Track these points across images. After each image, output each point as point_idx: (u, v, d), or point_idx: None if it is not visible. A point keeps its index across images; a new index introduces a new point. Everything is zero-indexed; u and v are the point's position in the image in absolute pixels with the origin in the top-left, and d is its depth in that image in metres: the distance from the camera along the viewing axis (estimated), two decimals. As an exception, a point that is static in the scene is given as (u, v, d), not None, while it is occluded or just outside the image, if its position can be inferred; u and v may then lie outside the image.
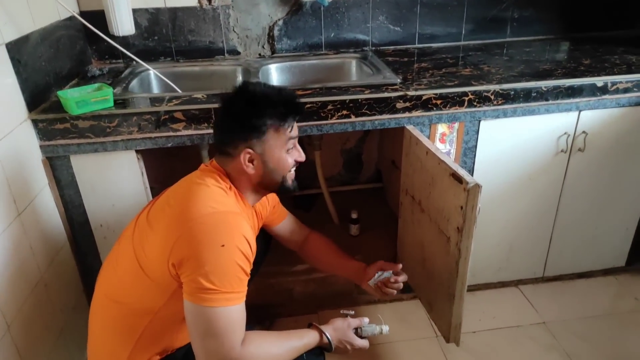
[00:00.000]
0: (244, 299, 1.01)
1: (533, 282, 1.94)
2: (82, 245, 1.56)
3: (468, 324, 1.73)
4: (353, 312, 1.28)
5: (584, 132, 1.63)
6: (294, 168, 1.16)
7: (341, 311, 1.29)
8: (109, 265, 1.12)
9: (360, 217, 2.00)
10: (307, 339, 1.16)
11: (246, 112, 1.06)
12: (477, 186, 1.19)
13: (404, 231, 1.72)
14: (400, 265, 1.36)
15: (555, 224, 1.80)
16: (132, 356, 1.07)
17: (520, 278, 1.92)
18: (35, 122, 1.37)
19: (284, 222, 1.45)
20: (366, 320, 1.28)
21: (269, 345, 1.07)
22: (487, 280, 1.89)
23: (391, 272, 1.34)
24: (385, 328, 1.29)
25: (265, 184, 1.14)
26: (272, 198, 1.38)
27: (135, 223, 1.11)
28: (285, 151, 1.11)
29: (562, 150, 1.65)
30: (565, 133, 1.62)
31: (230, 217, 1.00)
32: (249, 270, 1.00)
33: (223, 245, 0.95)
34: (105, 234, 1.55)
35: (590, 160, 1.68)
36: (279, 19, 1.93)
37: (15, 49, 1.30)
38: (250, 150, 1.07)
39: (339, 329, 1.21)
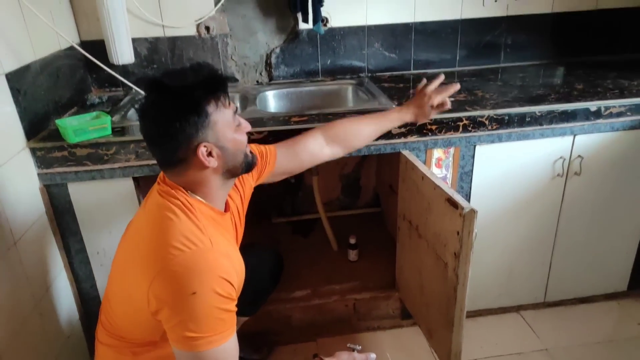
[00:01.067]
0: (233, 333, 0.97)
1: (534, 308, 1.92)
2: (79, 272, 1.55)
3: (469, 351, 1.70)
4: (360, 347, 1.25)
5: (579, 156, 1.63)
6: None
7: (348, 345, 1.26)
8: (105, 300, 1.10)
9: (359, 242, 1.99)
10: None
11: (178, 108, 0.91)
12: (473, 211, 1.19)
13: (402, 257, 1.72)
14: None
15: (555, 248, 1.79)
16: None
17: (521, 303, 1.90)
18: (33, 151, 1.38)
19: (278, 161, 1.29)
20: (373, 356, 1.24)
21: None
22: (487, 305, 1.87)
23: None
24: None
25: (230, 171, 1.02)
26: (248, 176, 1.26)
27: (115, 259, 1.08)
28: (235, 127, 0.99)
29: (558, 174, 1.65)
30: (560, 157, 1.63)
31: (199, 258, 0.91)
32: (232, 306, 0.95)
33: (194, 293, 0.88)
34: (102, 261, 1.54)
35: (587, 184, 1.68)
36: (276, 47, 1.96)
37: (15, 78, 1.32)
38: (205, 143, 0.94)
39: None
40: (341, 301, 1.80)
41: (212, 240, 0.96)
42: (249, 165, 1.06)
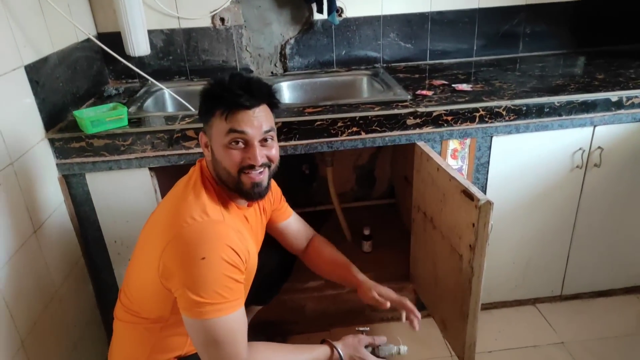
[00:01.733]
0: (241, 306, 1.01)
1: (551, 301, 1.90)
2: (97, 261, 1.58)
3: (484, 343, 1.69)
4: (368, 329, 1.27)
5: (599, 147, 1.60)
6: (255, 172, 1.05)
7: (357, 328, 1.28)
8: (126, 276, 1.16)
9: (373, 233, 1.98)
10: (317, 352, 1.15)
11: (202, 96, 1.07)
12: (489, 203, 1.18)
13: (416, 248, 1.71)
14: (388, 305, 1.28)
15: (573, 241, 1.76)
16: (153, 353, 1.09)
17: (537, 296, 1.88)
18: (52, 141, 1.40)
19: (289, 221, 1.39)
20: (384, 339, 1.26)
21: (276, 357, 1.07)
22: (503, 298, 1.85)
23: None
24: (404, 348, 1.28)
25: (221, 177, 1.07)
26: (277, 192, 1.35)
27: (139, 237, 1.13)
28: (225, 144, 1.02)
29: (577, 166, 1.62)
30: (580, 148, 1.60)
31: (211, 228, 0.98)
32: (240, 277, 1.00)
33: (204, 259, 0.94)
34: (119, 249, 1.57)
35: (606, 176, 1.65)
36: (291, 38, 1.96)
37: (34, 70, 1.34)
38: (202, 134, 1.09)
39: (349, 344, 1.20)
40: (355, 292, 1.80)
41: (225, 216, 1.05)
42: (241, 192, 1.07)
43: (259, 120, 1.03)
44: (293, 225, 1.41)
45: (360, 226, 1.99)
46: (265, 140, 1.05)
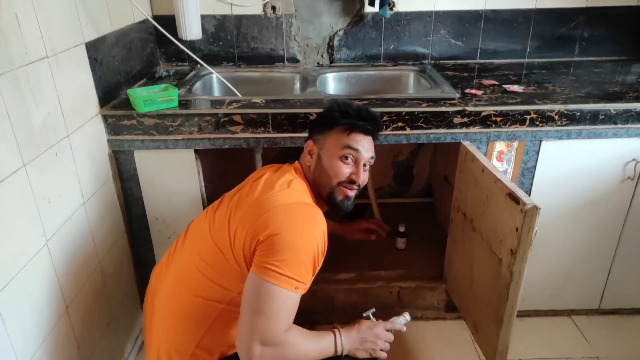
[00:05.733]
0: (304, 292, 1.04)
1: (587, 314, 1.84)
2: (138, 236, 1.63)
3: (515, 350, 1.66)
4: (374, 310, 1.26)
5: (654, 159, 1.53)
6: (351, 187, 1.18)
7: (363, 314, 1.26)
8: (184, 262, 1.15)
9: (408, 231, 1.97)
10: (325, 342, 1.13)
11: (326, 111, 1.22)
12: (535, 208, 1.15)
13: (452, 249, 1.69)
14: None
15: (616, 255, 1.70)
16: (199, 348, 1.10)
17: (573, 308, 1.82)
18: (105, 118, 1.45)
19: None
20: (393, 323, 1.25)
21: (305, 341, 1.08)
22: (537, 307, 1.81)
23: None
24: (407, 315, 1.28)
25: (318, 183, 1.18)
26: None
27: (212, 216, 1.14)
28: (338, 156, 1.16)
29: (629, 177, 1.56)
30: (633, 159, 1.53)
31: (311, 210, 1.07)
32: (318, 263, 1.05)
33: (301, 234, 1.00)
34: (160, 227, 1.61)
35: (659, 190, 1.58)
36: (340, 30, 1.95)
37: (93, 48, 1.39)
38: (312, 142, 1.21)
39: (362, 330, 1.19)
40: (386, 287, 1.80)
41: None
42: (333, 202, 1.19)
43: (369, 146, 1.20)
44: None
45: (395, 223, 1.97)
46: (365, 165, 1.20)
